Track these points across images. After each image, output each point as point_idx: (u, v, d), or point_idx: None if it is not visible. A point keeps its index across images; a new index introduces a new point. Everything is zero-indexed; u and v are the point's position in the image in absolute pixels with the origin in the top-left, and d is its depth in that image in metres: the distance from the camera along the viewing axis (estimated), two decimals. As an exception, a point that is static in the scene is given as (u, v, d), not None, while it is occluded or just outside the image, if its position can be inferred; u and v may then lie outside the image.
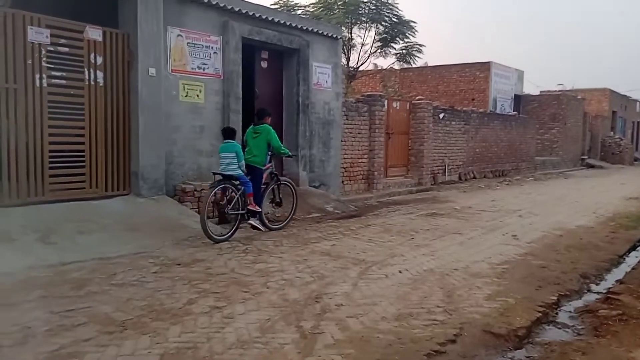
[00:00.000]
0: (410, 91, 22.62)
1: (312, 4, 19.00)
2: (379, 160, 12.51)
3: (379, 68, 22.93)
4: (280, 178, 8.13)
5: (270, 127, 7.52)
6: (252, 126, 7.64)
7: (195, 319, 4.01)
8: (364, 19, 18.40)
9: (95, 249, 5.82)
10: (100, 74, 7.16)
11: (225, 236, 6.80)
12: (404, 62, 20.17)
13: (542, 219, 9.36)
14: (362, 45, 18.89)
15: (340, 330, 3.86)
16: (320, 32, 10.31)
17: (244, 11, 8.78)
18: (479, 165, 17.16)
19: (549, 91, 27.25)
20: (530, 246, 7.05)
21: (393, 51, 19.52)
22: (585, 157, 26.98)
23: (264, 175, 7.58)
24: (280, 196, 8.06)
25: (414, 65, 21.49)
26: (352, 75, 19.30)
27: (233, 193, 7.08)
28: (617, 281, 5.52)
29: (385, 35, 18.75)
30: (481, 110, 18.65)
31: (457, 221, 8.95)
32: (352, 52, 19.04)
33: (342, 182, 11.58)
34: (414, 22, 18.93)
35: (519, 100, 24.80)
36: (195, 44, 8.21)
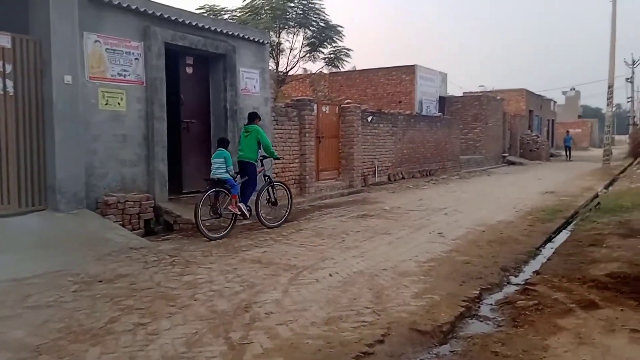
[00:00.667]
0: (340, 95, 22.93)
1: (239, 8, 18.84)
2: (310, 165, 12.56)
3: (309, 72, 23.07)
4: (274, 180, 9.06)
5: (260, 128, 8.41)
6: (244, 126, 8.61)
7: (117, 338, 3.83)
8: (292, 24, 18.45)
9: (7, 269, 5.44)
10: (10, 83, 6.72)
11: (221, 234, 7.52)
12: (332, 67, 20.37)
13: (466, 215, 9.73)
14: (291, 49, 18.94)
15: (269, 339, 3.82)
16: (246, 37, 10.23)
17: (166, 16, 8.55)
18: (407, 165, 17.63)
19: (471, 92, 28.52)
20: (455, 243, 7.31)
21: (322, 55, 19.69)
22: (506, 154, 28.39)
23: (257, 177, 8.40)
24: (275, 196, 8.89)
25: (342, 70, 21.77)
26: (281, 80, 19.30)
27: (225, 196, 7.85)
28: (534, 272, 5.82)
29: (313, 39, 18.88)
30: (408, 112, 19.19)
31: (387, 221, 9.13)
32: (280, 56, 19.04)
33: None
34: (341, 27, 19.21)
35: (444, 101, 25.75)
36: (114, 50, 7.90)
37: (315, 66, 22.07)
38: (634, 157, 25.54)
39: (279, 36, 18.45)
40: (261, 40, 10.62)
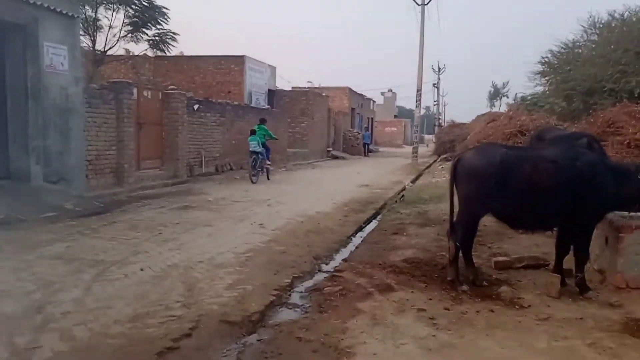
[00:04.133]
0: (166, 81, 21.95)
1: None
2: (129, 152, 11.85)
3: (131, 54, 21.70)
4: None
5: (266, 127, 15.70)
6: (258, 125, 15.58)
7: None
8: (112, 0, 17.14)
9: None
10: None
11: (256, 180, 14.21)
12: (157, 50, 19.41)
13: (288, 207, 10.07)
14: (110, 27, 17.56)
15: (63, 342, 3.53)
16: (52, 7, 9.20)
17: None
18: (236, 156, 17.63)
19: (299, 87, 29.52)
20: (274, 233, 7.52)
21: (146, 37, 18.63)
22: (331, 149, 30.06)
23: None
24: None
25: (169, 54, 20.89)
26: (99, 59, 17.81)
27: (257, 159, 14.66)
28: (343, 260, 6.25)
29: (136, 19, 17.76)
30: (236, 103, 19.18)
31: (209, 213, 9.06)
32: (98, 34, 17.55)
33: (87, 176, 10.64)
34: (167, 9, 18.38)
35: (273, 95, 26.26)
36: None
37: (139, 48, 20.80)
38: (437, 154, 28.89)
39: (96, 11, 17.00)
40: (71, 13, 9.66)
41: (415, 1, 25.85)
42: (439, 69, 53.06)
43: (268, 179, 15.33)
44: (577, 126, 10.46)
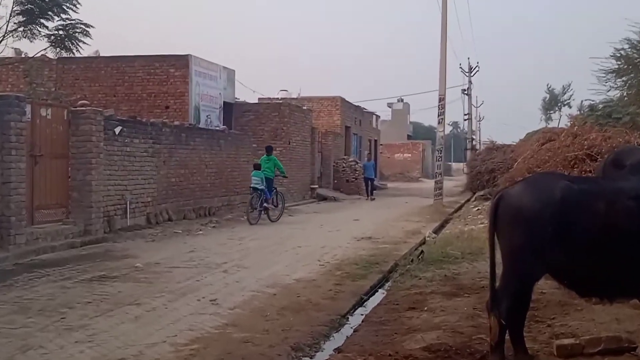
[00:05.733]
0: (75, 93, 22.05)
1: None
2: (18, 199, 11.74)
3: (24, 56, 21.82)
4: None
5: (275, 158, 19.81)
6: (265, 156, 19.34)
7: None
8: (-6, -20, 17.35)
9: None
10: None
11: (257, 219, 17.90)
12: (62, 49, 19.57)
13: (253, 272, 10.09)
14: (-7, 18, 17.73)
15: None
16: None
17: None
18: (176, 201, 17.58)
19: (269, 99, 29.74)
20: (233, 313, 7.50)
21: (45, 32, 18.79)
22: (316, 186, 30.17)
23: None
24: (278, 200, 19.54)
25: (79, 55, 21.04)
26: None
27: (259, 198, 18.20)
28: (335, 350, 6.20)
29: (30, 6, 17.97)
30: (177, 123, 19.27)
31: (137, 286, 9.02)
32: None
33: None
34: (76, -11, 18.63)
35: (231, 110, 26.47)
36: None
37: (35, 47, 20.81)
38: (471, 191, 29.13)
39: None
40: None
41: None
42: (471, 69, 53.72)
43: (270, 220, 18.47)
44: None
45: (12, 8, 17.83)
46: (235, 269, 10.44)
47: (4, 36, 17.86)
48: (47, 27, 18.69)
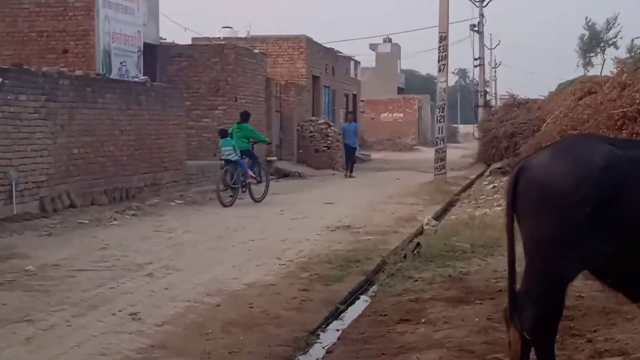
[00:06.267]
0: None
1: None
2: None
3: None
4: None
5: (249, 125, 21.06)
6: (236, 125, 20.84)
7: None
8: None
9: None
10: None
11: (230, 202, 19.03)
12: None
13: (188, 276, 10.08)
14: None
15: None
16: None
17: None
18: (81, 180, 17.42)
19: (206, 39, 29.46)
20: (161, 331, 7.49)
21: None
22: (274, 158, 30.00)
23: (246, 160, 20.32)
24: (261, 174, 21.10)
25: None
26: None
27: (234, 172, 19.21)
28: (301, 379, 6.23)
29: None
30: (80, 72, 19.06)
31: (28, 296, 8.97)
32: None
33: None
34: None
35: (154, 54, 26.23)
36: None
37: None
38: (485, 162, 29.31)
39: None
40: None
41: None
42: (482, -3, 53.61)
43: (254, 200, 19.76)
44: None
45: None
46: (164, 271, 10.40)
47: None
48: None
